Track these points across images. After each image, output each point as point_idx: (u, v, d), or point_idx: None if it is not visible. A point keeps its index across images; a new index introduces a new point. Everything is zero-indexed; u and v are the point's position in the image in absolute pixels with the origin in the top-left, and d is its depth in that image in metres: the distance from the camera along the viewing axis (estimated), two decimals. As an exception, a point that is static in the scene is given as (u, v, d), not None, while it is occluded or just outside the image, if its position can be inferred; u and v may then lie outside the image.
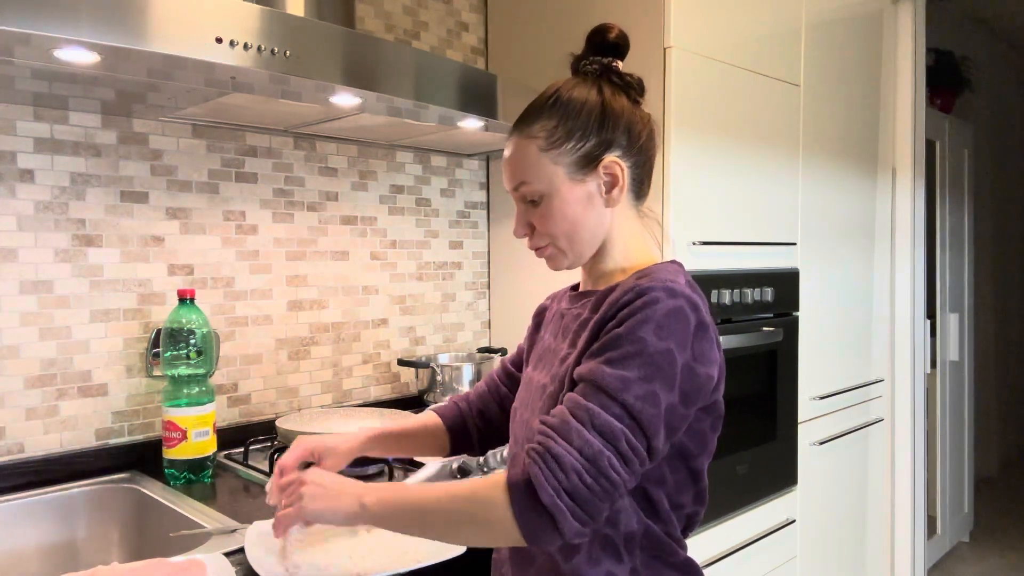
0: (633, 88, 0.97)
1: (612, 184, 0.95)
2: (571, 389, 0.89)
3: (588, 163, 0.94)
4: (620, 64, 0.98)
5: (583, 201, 0.94)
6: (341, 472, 1.03)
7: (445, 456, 1.17)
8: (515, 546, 0.85)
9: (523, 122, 0.96)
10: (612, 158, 0.94)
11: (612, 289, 0.94)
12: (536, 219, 0.96)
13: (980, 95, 4.16)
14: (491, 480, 0.83)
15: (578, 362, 0.89)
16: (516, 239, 2.09)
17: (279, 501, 0.94)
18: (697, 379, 0.86)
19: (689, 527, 0.97)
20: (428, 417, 1.17)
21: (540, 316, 1.13)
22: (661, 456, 0.86)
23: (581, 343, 0.91)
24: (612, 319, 0.87)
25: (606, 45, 0.98)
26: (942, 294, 3.42)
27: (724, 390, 0.93)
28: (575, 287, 1.08)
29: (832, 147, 2.32)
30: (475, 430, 1.15)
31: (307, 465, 1.07)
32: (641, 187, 0.99)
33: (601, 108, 0.94)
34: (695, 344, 0.86)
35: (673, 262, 0.97)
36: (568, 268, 0.99)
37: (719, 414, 0.94)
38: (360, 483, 0.91)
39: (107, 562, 1.21)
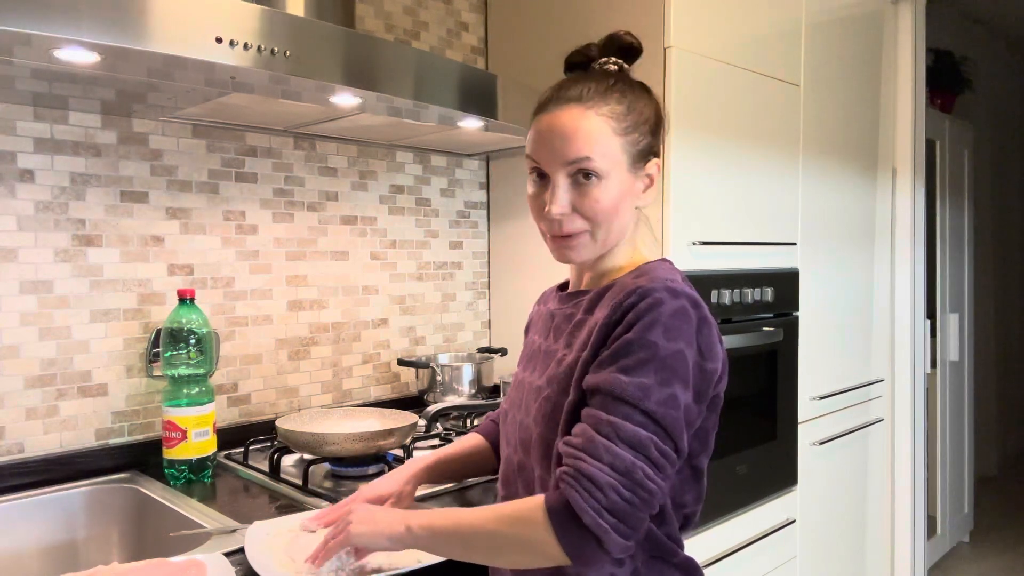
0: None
1: (648, 184, 0.96)
2: (577, 396, 0.88)
3: (641, 159, 0.94)
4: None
5: (628, 194, 0.94)
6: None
7: (495, 475, 1.18)
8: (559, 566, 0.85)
9: (590, 98, 0.91)
10: (657, 161, 0.96)
11: (607, 288, 0.94)
12: (582, 199, 0.91)
13: (980, 95, 4.16)
14: (529, 504, 0.84)
15: (585, 368, 0.88)
16: (516, 239, 2.10)
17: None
18: (706, 375, 0.87)
19: (686, 526, 0.97)
20: (472, 439, 1.18)
21: (529, 321, 1.14)
22: (685, 456, 0.87)
23: (579, 344, 0.91)
24: (619, 323, 0.86)
25: (623, 47, 0.98)
26: (942, 294, 3.42)
27: (725, 387, 0.94)
28: (562, 287, 1.07)
29: (832, 147, 2.32)
30: None
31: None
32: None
33: (657, 111, 0.96)
34: (700, 340, 0.86)
35: (665, 261, 0.98)
36: (586, 259, 0.96)
37: (718, 409, 0.94)
38: (406, 511, 0.92)
39: (107, 562, 1.21)
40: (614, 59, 0.97)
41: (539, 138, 0.92)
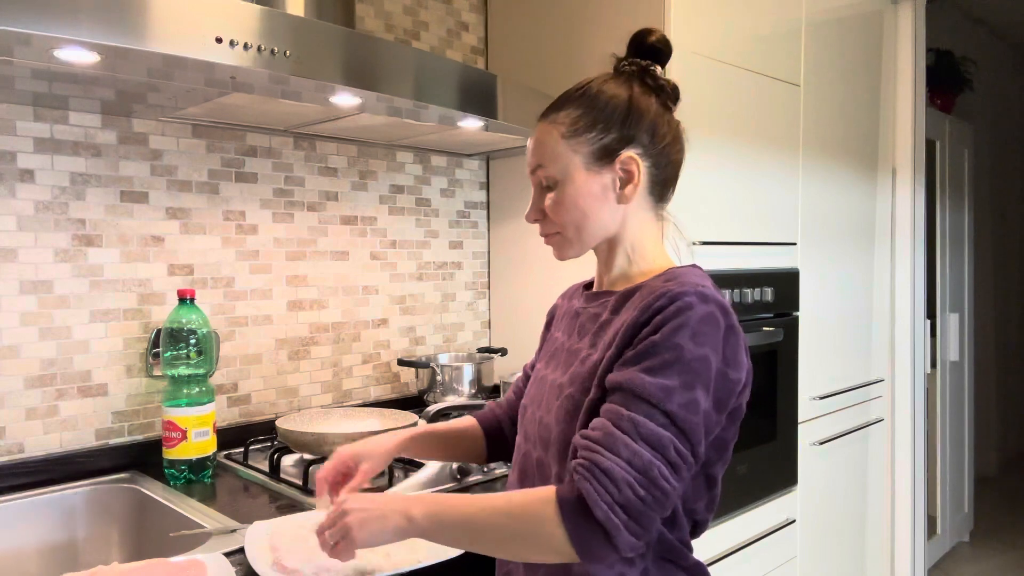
0: (665, 92, 0.98)
1: (627, 180, 0.95)
2: (600, 393, 0.88)
3: (605, 155, 0.94)
4: (659, 69, 0.99)
5: (596, 193, 0.94)
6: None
7: (483, 462, 1.17)
8: (567, 562, 0.83)
9: (551, 109, 0.98)
10: (630, 154, 0.94)
11: (634, 290, 0.94)
12: (548, 205, 0.96)
13: (980, 95, 4.16)
14: (540, 495, 0.82)
15: (609, 367, 0.88)
16: (516, 239, 2.10)
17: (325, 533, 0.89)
18: (728, 384, 0.86)
19: (695, 533, 0.96)
20: (467, 421, 1.17)
21: (552, 314, 1.13)
22: (701, 462, 0.86)
23: (604, 344, 0.91)
24: (647, 324, 0.86)
25: (646, 48, 0.99)
26: (942, 294, 3.42)
27: (748, 398, 0.93)
28: (588, 285, 1.07)
29: (832, 147, 2.32)
30: (511, 436, 1.15)
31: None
32: (664, 190, 0.99)
33: (627, 104, 0.95)
34: (726, 349, 0.86)
35: (695, 266, 0.97)
36: (573, 257, 0.99)
37: (738, 420, 0.93)
38: (403, 496, 0.88)
39: (107, 562, 1.21)
40: (630, 59, 0.99)
41: None
